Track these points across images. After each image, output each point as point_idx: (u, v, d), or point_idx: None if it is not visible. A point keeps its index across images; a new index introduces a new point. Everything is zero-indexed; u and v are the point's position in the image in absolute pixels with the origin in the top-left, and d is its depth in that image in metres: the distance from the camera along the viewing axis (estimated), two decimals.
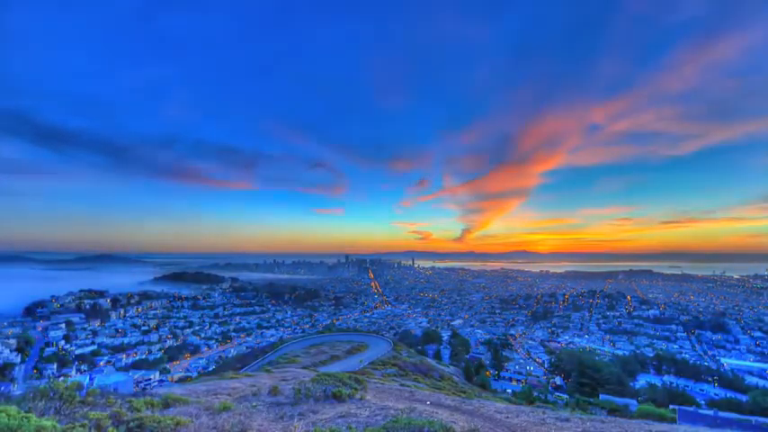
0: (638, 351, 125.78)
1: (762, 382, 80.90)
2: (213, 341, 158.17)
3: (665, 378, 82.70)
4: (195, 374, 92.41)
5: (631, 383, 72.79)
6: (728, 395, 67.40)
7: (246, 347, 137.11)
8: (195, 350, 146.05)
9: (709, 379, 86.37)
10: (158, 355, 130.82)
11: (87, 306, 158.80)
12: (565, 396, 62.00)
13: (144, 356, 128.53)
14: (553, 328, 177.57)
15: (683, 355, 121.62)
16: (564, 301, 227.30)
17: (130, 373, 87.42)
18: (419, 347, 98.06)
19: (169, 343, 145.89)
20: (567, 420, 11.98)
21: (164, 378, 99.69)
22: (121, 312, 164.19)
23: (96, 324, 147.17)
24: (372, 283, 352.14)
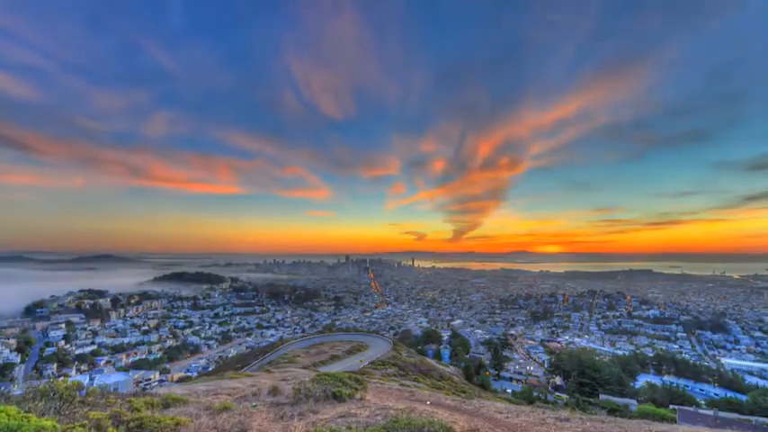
0: (638, 351, 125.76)
1: (762, 382, 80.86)
2: (213, 341, 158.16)
3: (665, 378, 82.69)
4: (195, 374, 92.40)
5: (631, 383, 72.80)
6: (728, 395, 67.39)
7: (246, 347, 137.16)
8: (195, 350, 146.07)
9: (710, 379, 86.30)
10: (158, 355, 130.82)
11: (87, 306, 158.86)
12: (565, 396, 62.04)
13: (144, 356, 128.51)
14: (553, 328, 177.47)
15: (683, 355, 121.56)
16: (564, 301, 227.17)
17: (130, 373, 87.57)
18: (419, 347, 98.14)
19: (169, 343, 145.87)
20: (567, 420, 11.98)
21: (164, 378, 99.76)
22: (121, 312, 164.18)
23: (96, 324, 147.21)
24: (372, 283, 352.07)
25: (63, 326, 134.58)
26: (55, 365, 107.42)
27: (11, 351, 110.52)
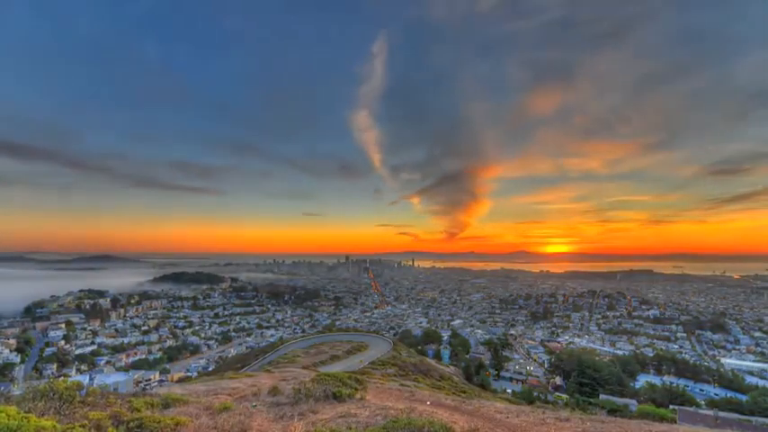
0: (638, 351, 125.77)
1: (762, 382, 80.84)
2: (213, 341, 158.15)
3: (665, 378, 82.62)
4: (195, 374, 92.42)
5: (631, 383, 72.74)
6: (728, 395, 67.34)
7: (246, 347, 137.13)
8: (195, 350, 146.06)
9: (710, 379, 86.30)
10: (158, 355, 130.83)
11: (87, 306, 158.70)
12: (565, 396, 61.98)
13: (144, 356, 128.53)
14: (553, 328, 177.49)
15: (683, 355, 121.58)
16: (564, 301, 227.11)
17: (130, 373, 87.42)
18: (419, 347, 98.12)
19: (169, 343, 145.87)
20: (567, 420, 11.99)
21: (164, 378, 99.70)
22: (121, 312, 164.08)
23: (96, 324, 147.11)
24: (372, 284, 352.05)
25: (63, 326, 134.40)
26: (55, 365, 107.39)
27: (11, 351, 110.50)
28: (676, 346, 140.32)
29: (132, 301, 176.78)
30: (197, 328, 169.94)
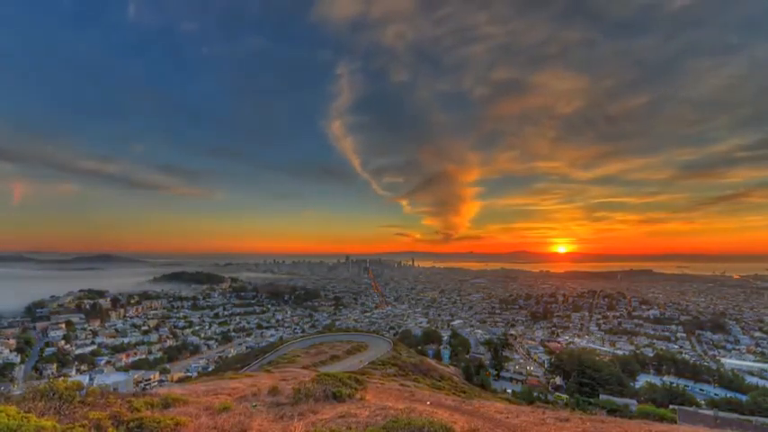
0: (638, 351, 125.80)
1: (762, 382, 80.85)
2: (213, 341, 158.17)
3: (665, 378, 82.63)
4: (195, 374, 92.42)
5: (631, 383, 72.75)
6: (728, 395, 67.36)
7: (246, 347, 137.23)
8: (195, 350, 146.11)
9: (710, 379, 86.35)
10: (158, 355, 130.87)
11: (87, 306, 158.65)
12: (565, 396, 61.98)
13: (144, 356, 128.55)
14: (553, 328, 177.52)
15: (683, 355, 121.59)
16: (564, 301, 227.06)
17: (130, 373, 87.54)
18: (419, 347, 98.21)
19: (169, 343, 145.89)
20: (567, 420, 11.99)
21: (164, 378, 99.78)
22: (121, 312, 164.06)
23: (96, 324, 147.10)
24: (372, 284, 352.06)
25: (63, 326, 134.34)
26: (55, 365, 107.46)
27: (11, 351, 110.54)
28: (676, 346, 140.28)
29: (132, 301, 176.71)
30: (197, 328, 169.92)
